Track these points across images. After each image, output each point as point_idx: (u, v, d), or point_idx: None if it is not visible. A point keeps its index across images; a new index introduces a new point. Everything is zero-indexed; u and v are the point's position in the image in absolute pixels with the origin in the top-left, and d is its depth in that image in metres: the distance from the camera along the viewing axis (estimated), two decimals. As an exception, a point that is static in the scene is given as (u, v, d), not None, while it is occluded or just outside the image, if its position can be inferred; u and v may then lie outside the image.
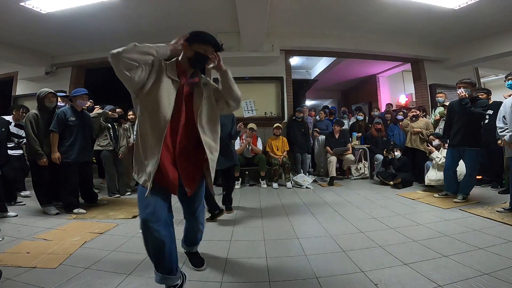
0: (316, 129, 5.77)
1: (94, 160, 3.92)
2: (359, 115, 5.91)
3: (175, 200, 1.48)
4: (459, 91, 3.26)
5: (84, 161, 3.26)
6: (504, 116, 2.91)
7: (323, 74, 8.29)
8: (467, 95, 3.22)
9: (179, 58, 1.47)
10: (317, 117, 6.21)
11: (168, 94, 1.35)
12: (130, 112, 4.64)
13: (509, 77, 2.92)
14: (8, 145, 3.47)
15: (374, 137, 5.25)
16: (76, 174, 3.18)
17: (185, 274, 1.57)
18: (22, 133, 3.62)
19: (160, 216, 1.33)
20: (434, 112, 5.01)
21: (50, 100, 3.12)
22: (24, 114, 3.76)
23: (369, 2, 4.24)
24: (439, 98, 4.72)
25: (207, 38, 1.43)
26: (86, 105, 3.71)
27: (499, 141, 3.03)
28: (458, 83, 3.34)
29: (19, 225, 2.63)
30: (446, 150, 3.66)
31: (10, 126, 3.64)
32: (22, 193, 3.83)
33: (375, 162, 5.10)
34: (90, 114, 3.70)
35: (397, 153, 4.61)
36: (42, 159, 2.97)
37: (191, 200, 1.54)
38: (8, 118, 3.85)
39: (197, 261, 1.81)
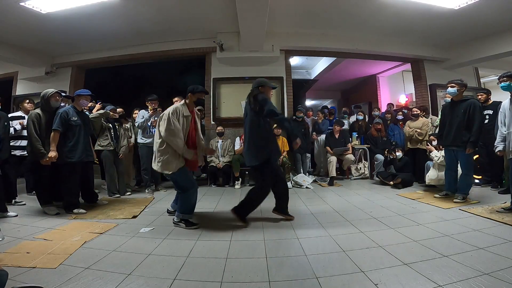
0: (314, 132, 5.77)
1: (97, 162, 3.92)
2: (359, 114, 5.91)
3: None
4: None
5: (86, 160, 3.27)
6: (502, 120, 2.93)
7: (323, 74, 8.29)
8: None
9: (187, 102, 2.66)
10: (315, 117, 6.19)
11: (185, 125, 2.59)
12: (136, 111, 4.62)
13: (502, 79, 2.90)
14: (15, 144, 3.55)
15: (374, 137, 5.25)
16: (78, 174, 3.19)
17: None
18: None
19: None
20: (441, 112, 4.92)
21: (56, 99, 3.14)
22: (32, 105, 3.85)
23: (369, 2, 4.24)
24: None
25: (202, 89, 2.69)
26: (89, 105, 3.73)
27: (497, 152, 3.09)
28: (448, 82, 3.44)
29: (19, 225, 2.63)
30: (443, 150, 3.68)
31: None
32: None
33: (375, 162, 5.10)
34: (92, 114, 3.71)
35: (399, 153, 4.61)
36: (45, 159, 2.96)
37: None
38: (18, 113, 3.88)
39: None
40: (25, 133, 3.59)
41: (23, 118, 3.77)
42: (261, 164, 2.62)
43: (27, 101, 3.99)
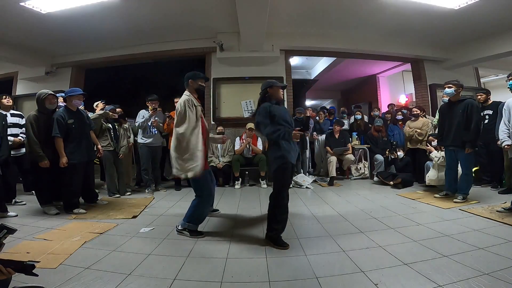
0: (314, 132, 5.76)
1: (97, 162, 3.92)
2: (357, 114, 5.91)
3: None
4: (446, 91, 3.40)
5: (88, 160, 3.27)
6: (506, 119, 2.92)
7: (323, 74, 8.29)
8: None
9: (191, 92, 2.44)
10: (317, 118, 6.20)
11: (197, 116, 2.34)
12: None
13: (510, 77, 2.93)
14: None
15: (374, 137, 5.25)
16: (80, 175, 3.19)
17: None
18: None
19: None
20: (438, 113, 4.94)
21: (51, 102, 3.11)
22: (10, 100, 3.78)
23: (369, 2, 4.23)
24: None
25: (203, 76, 2.51)
26: (95, 104, 3.72)
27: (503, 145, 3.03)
28: (445, 83, 3.45)
29: (19, 225, 2.61)
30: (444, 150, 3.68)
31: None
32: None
33: (375, 163, 5.10)
34: (91, 116, 3.70)
35: (400, 153, 4.60)
36: (44, 161, 2.95)
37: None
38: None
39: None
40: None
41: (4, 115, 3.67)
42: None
43: (4, 96, 3.70)
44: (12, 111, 3.73)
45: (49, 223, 2.74)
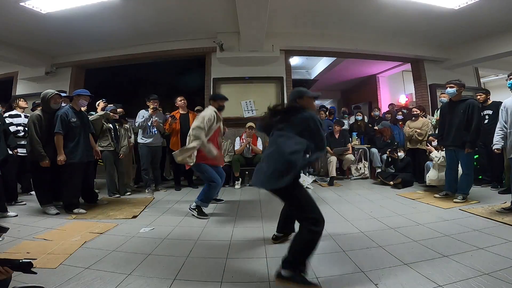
0: None
1: (101, 163, 3.94)
2: (358, 115, 5.91)
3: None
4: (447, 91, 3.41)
5: (87, 161, 3.27)
6: (503, 119, 2.93)
7: (323, 74, 8.29)
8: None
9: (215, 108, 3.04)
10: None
11: (214, 129, 3.01)
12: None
13: (511, 76, 2.92)
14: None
15: (376, 137, 5.27)
16: (80, 174, 3.19)
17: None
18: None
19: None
20: (436, 112, 4.99)
21: (56, 101, 3.12)
22: (26, 103, 4.05)
23: (369, 2, 4.24)
24: (442, 99, 4.56)
25: (222, 96, 3.20)
26: (97, 103, 3.86)
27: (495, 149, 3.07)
28: (447, 83, 3.44)
29: (19, 225, 2.63)
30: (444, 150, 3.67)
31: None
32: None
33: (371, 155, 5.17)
34: (92, 116, 3.71)
35: (401, 154, 4.60)
36: (45, 161, 2.96)
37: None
38: (14, 112, 3.97)
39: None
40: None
41: (19, 116, 3.86)
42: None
43: (21, 98, 4.10)
44: (25, 113, 3.99)
45: (49, 223, 2.74)
